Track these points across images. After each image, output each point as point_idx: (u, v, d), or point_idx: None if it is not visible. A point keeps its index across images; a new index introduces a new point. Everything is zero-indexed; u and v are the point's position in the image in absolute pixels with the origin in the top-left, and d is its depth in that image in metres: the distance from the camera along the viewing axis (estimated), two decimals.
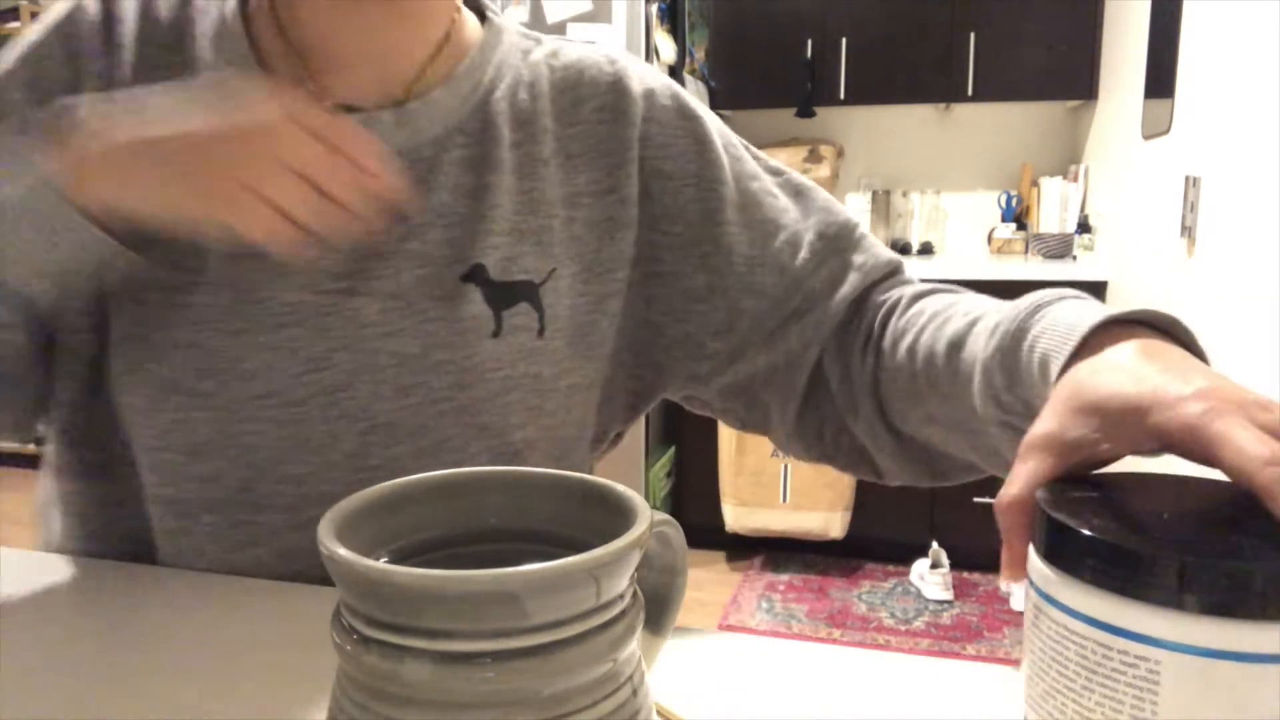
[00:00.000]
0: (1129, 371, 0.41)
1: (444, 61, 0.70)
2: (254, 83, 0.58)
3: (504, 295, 0.67)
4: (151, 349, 0.64)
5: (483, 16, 0.75)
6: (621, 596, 0.33)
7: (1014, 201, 3.55)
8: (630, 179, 0.71)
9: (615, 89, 0.72)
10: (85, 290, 0.65)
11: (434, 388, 0.65)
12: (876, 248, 0.73)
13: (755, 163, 0.75)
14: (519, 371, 0.67)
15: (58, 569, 0.71)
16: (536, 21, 2.77)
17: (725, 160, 0.73)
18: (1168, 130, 2.28)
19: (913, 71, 3.33)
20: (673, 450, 3.38)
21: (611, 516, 0.35)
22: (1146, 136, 2.49)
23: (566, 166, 0.70)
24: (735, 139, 0.76)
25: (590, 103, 0.71)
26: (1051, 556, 0.34)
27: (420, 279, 0.65)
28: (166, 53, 0.68)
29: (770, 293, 0.71)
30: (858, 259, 0.72)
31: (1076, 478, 0.39)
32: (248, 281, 0.64)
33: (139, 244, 0.62)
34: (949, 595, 2.96)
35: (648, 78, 0.74)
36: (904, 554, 3.20)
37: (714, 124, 0.75)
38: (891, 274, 0.73)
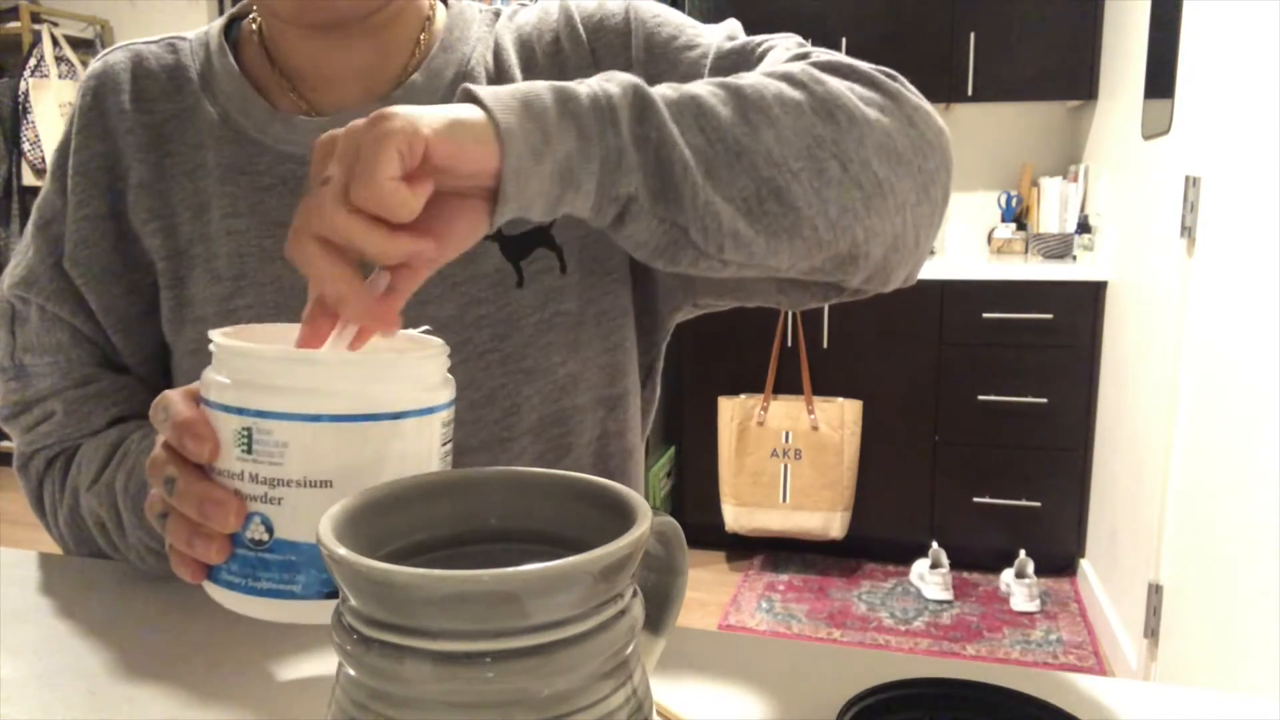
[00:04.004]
0: None
1: (422, 51, 0.73)
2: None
3: (519, 246, 0.71)
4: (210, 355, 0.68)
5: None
6: (621, 596, 0.33)
7: (1014, 201, 3.55)
8: None
9: (562, 20, 0.74)
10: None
11: (477, 342, 0.70)
12: (777, 57, 0.66)
13: (684, 28, 0.72)
14: (550, 311, 0.71)
15: (58, 569, 0.71)
16: None
17: (640, 37, 0.71)
18: (1168, 130, 2.28)
19: (913, 71, 3.30)
20: (673, 450, 3.38)
21: (611, 516, 0.35)
22: (1146, 136, 2.49)
23: None
24: (667, 14, 0.73)
25: (544, 39, 0.74)
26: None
27: None
28: (166, 101, 0.73)
29: None
30: None
31: None
32: (287, 278, 0.69)
33: (176, 264, 0.71)
34: (949, 595, 2.96)
35: (588, 3, 0.74)
36: (904, 554, 3.20)
37: (641, 7, 0.73)
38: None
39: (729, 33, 0.71)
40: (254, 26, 0.75)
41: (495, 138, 0.45)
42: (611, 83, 0.50)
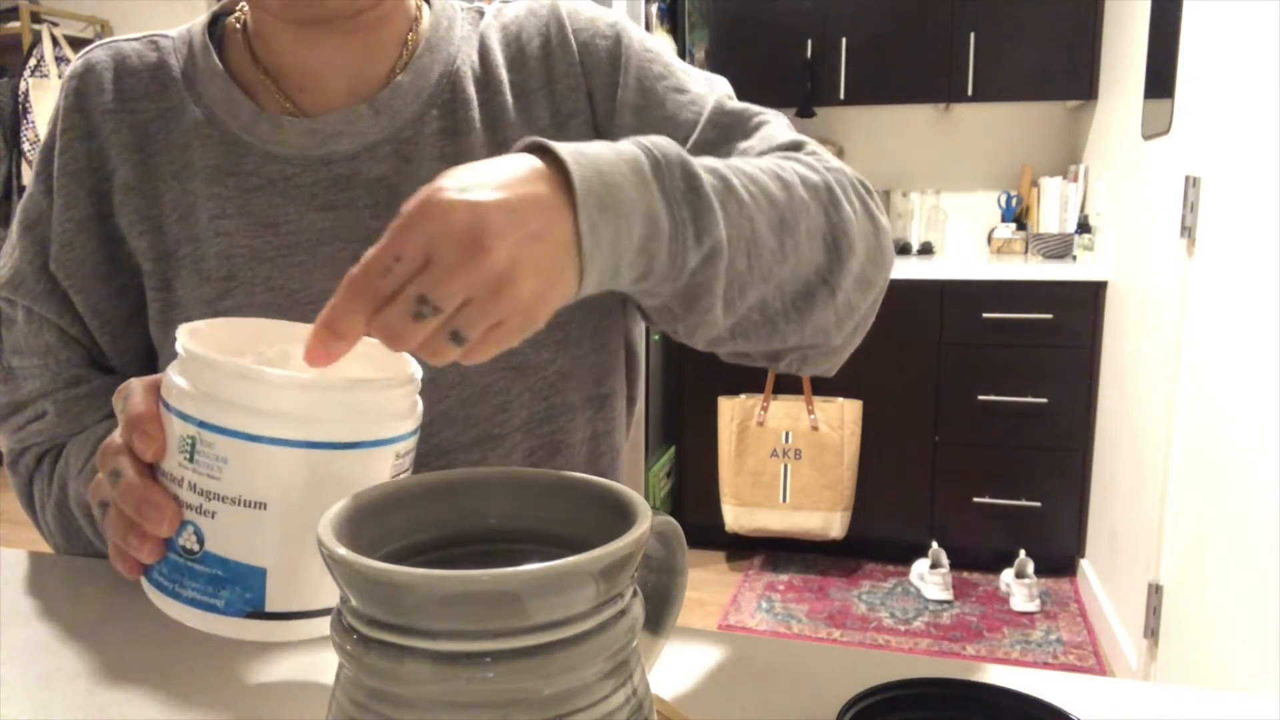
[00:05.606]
0: None
1: (409, 52, 0.73)
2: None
3: None
4: None
5: None
6: (621, 596, 0.33)
7: (1014, 201, 3.55)
8: (581, 100, 0.73)
9: (551, 23, 0.74)
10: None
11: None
12: (774, 133, 0.69)
13: (673, 69, 0.74)
14: None
15: (58, 569, 0.71)
16: None
17: (632, 66, 0.73)
18: (1168, 130, 2.28)
19: (913, 71, 3.33)
20: (673, 450, 3.38)
21: (611, 516, 0.35)
22: (1146, 136, 2.49)
23: (523, 105, 0.73)
24: (658, 50, 0.75)
25: (533, 42, 0.74)
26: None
27: None
28: (150, 101, 0.72)
29: None
30: (744, 145, 0.69)
31: None
32: (278, 278, 0.69)
33: (164, 266, 0.70)
34: (948, 595, 2.96)
35: (579, 8, 0.76)
36: (904, 554, 3.20)
37: (633, 35, 0.74)
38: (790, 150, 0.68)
39: (727, 92, 0.74)
40: (238, 25, 0.74)
41: (578, 271, 0.46)
42: (702, 222, 0.51)
